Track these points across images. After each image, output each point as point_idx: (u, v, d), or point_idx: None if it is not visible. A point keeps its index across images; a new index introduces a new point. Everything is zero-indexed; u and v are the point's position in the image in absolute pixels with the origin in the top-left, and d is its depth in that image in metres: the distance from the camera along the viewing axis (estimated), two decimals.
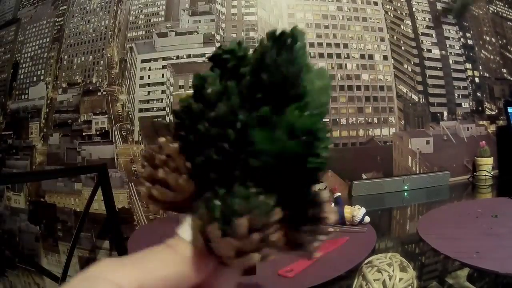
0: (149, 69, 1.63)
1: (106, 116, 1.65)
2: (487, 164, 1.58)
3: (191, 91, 0.21)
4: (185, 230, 0.21)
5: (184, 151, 0.21)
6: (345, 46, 1.65)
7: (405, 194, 1.45)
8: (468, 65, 1.81)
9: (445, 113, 1.75)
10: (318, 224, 0.21)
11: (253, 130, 0.19)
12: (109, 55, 1.69)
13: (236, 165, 0.19)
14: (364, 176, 1.58)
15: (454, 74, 1.77)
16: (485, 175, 1.56)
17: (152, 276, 0.21)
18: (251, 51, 0.21)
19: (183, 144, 0.21)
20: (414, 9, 1.75)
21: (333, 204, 0.99)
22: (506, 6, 1.94)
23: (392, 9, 1.72)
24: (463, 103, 1.79)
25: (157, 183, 0.21)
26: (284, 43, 0.19)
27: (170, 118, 1.60)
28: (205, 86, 0.20)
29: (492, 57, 1.89)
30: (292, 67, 0.19)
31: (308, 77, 0.20)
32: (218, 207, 0.19)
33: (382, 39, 1.69)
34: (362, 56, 1.66)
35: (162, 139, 0.22)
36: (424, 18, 1.77)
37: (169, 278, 0.21)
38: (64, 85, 1.72)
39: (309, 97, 0.19)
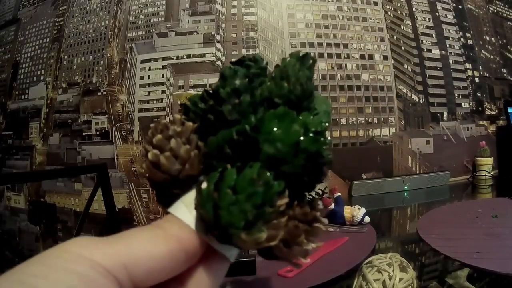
0: (149, 69, 1.63)
1: (106, 116, 1.65)
2: (487, 164, 1.58)
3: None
4: (179, 207, 0.21)
5: (198, 131, 0.22)
6: (345, 46, 1.65)
7: (405, 194, 1.45)
8: (468, 65, 1.81)
9: (445, 113, 1.75)
10: (312, 227, 0.22)
11: (272, 121, 0.21)
12: (109, 55, 1.70)
13: (251, 150, 0.20)
14: (364, 176, 1.58)
15: (454, 74, 1.78)
16: (485, 175, 1.56)
17: (139, 254, 0.18)
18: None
19: (201, 122, 0.22)
20: (414, 9, 1.75)
21: (333, 205, 0.99)
22: (506, 6, 1.94)
23: (392, 9, 1.72)
24: (463, 103, 1.79)
25: (166, 151, 0.21)
26: (306, 62, 0.23)
27: (170, 118, 1.60)
28: (235, 76, 0.22)
29: (492, 57, 1.89)
30: (309, 83, 0.22)
31: (316, 99, 0.23)
32: (231, 179, 0.19)
33: (382, 39, 1.69)
34: (362, 56, 1.66)
35: (177, 115, 0.22)
36: (424, 18, 1.77)
37: (159, 259, 0.18)
38: (64, 85, 1.72)
39: (318, 112, 0.22)
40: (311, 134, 0.20)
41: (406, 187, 1.47)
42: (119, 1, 1.71)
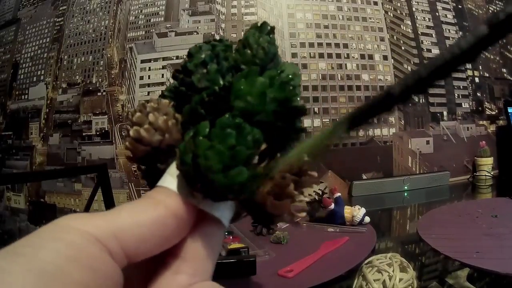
0: (149, 69, 1.63)
1: (106, 116, 1.65)
2: (487, 164, 1.58)
3: None
4: (165, 178, 0.21)
5: (174, 107, 0.23)
6: (345, 46, 1.65)
7: (405, 194, 1.45)
8: (468, 65, 1.81)
9: (445, 113, 1.75)
10: (301, 177, 0.22)
11: (239, 80, 0.22)
12: (109, 55, 1.70)
13: (223, 110, 0.21)
14: (364, 176, 1.58)
15: (454, 74, 1.77)
16: (485, 175, 1.56)
17: (127, 222, 0.18)
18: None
19: (175, 95, 0.24)
20: (414, 9, 1.75)
21: (333, 205, 0.99)
22: None
23: (392, 9, 1.72)
24: (463, 103, 1.79)
25: (146, 125, 0.22)
26: (265, 29, 0.24)
27: None
28: (200, 51, 0.24)
29: (492, 57, 1.89)
30: (271, 46, 0.24)
31: (281, 62, 0.24)
32: (205, 129, 0.20)
33: (382, 39, 1.69)
34: (362, 56, 1.66)
35: (153, 97, 0.24)
36: (424, 18, 1.77)
37: (148, 225, 0.18)
38: (64, 85, 1.72)
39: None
40: (278, 84, 0.21)
41: (406, 187, 1.47)
42: (119, 1, 1.71)
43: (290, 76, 0.22)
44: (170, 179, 0.21)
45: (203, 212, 0.20)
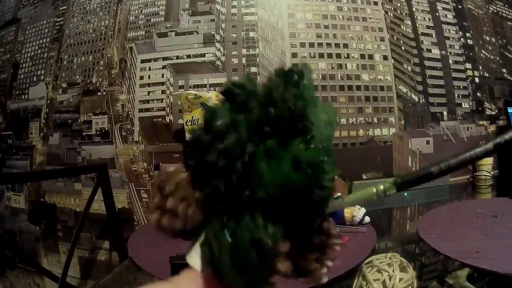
0: (149, 69, 1.63)
1: (106, 116, 1.65)
2: (487, 164, 1.58)
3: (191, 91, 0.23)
4: (192, 255, 0.22)
5: (193, 181, 0.22)
6: (345, 46, 1.65)
7: (405, 194, 1.45)
8: (468, 65, 1.81)
9: (445, 113, 1.75)
10: (324, 252, 0.23)
11: (259, 163, 0.20)
12: (109, 55, 1.70)
13: (243, 196, 0.20)
14: (364, 176, 1.57)
15: (454, 74, 1.78)
16: (485, 175, 1.56)
17: None
18: (260, 86, 0.22)
19: (193, 173, 0.22)
20: (414, 9, 1.75)
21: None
22: (506, 6, 1.94)
23: (392, 9, 1.72)
24: (463, 103, 1.79)
25: (167, 211, 0.22)
26: (291, 80, 0.21)
27: (170, 118, 1.60)
28: (214, 118, 0.21)
29: (492, 57, 1.89)
30: (298, 102, 0.20)
31: (314, 112, 0.21)
32: (227, 238, 0.20)
33: (382, 39, 1.69)
34: (362, 56, 1.66)
35: (171, 168, 0.23)
36: (424, 18, 1.77)
37: None
38: (64, 85, 1.72)
39: (315, 131, 0.21)
40: (305, 169, 0.20)
41: None
42: (119, 1, 1.71)
43: (317, 152, 0.20)
44: (196, 258, 0.21)
45: None
